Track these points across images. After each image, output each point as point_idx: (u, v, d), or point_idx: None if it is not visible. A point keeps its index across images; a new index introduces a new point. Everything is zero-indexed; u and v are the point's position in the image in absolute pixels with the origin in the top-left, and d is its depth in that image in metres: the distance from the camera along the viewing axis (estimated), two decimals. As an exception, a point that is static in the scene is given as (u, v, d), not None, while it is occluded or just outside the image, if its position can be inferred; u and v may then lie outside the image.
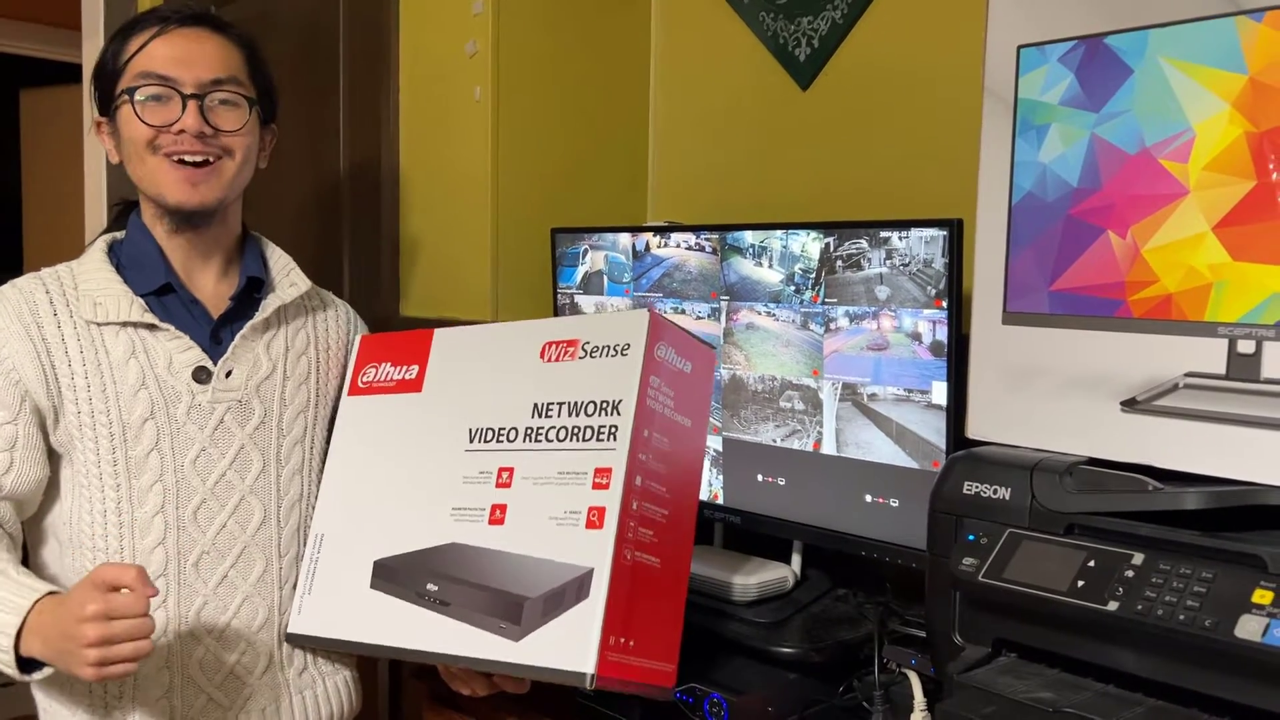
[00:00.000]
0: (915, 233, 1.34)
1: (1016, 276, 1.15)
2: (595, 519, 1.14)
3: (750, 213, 1.85)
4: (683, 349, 1.23)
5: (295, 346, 1.41)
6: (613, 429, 1.17)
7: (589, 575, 1.12)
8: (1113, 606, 0.95)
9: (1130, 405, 1.06)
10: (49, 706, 1.30)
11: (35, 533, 1.34)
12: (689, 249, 1.62)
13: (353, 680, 1.46)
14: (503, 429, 1.27)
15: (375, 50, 2.03)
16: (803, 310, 1.48)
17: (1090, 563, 0.99)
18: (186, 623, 1.29)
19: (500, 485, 1.24)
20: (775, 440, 1.53)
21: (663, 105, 2.06)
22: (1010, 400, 1.16)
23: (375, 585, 1.30)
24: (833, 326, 1.44)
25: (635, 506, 1.15)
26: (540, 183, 1.92)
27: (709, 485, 1.62)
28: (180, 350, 1.31)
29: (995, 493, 1.09)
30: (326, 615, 1.34)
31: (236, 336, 1.34)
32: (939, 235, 1.32)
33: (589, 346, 1.23)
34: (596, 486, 1.15)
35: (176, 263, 1.35)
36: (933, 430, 1.35)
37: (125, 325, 1.29)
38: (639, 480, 1.16)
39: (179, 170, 1.28)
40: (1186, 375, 1.02)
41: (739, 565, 1.55)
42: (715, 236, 1.58)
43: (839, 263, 1.43)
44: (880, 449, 1.40)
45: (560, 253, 1.83)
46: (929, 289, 1.33)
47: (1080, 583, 0.98)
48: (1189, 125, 1.02)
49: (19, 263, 4.59)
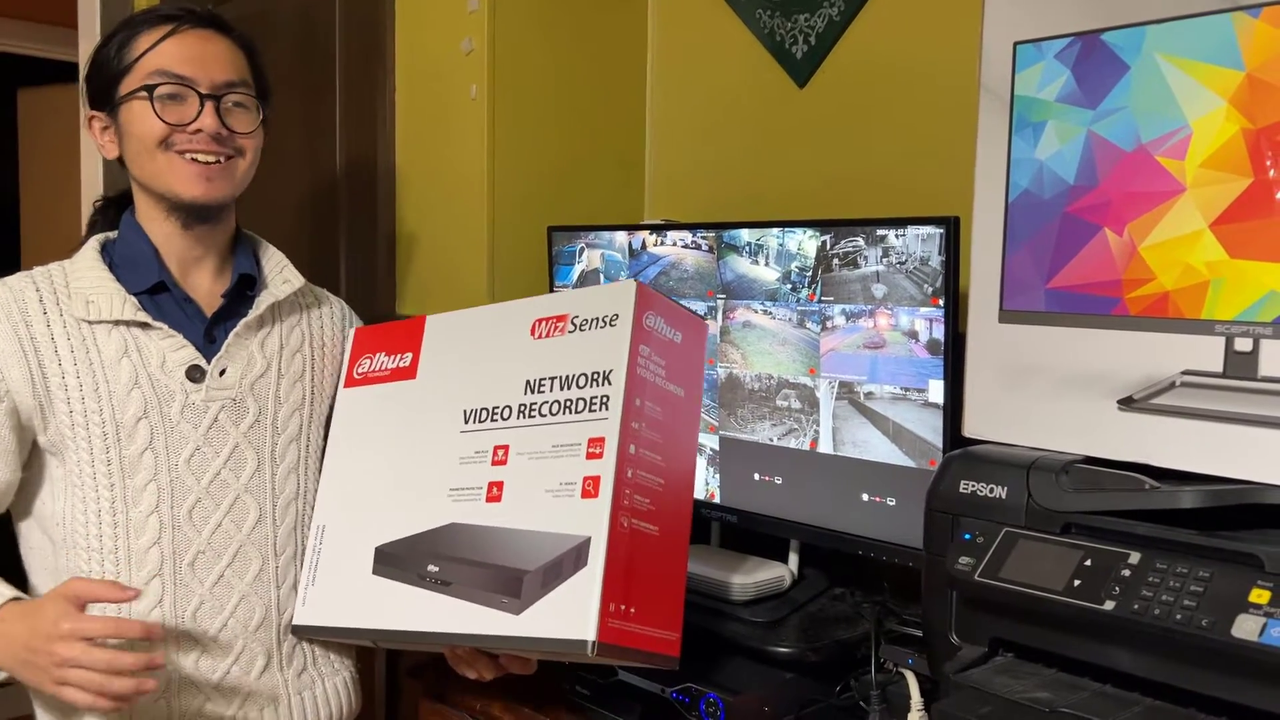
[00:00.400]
0: (912, 230, 1.34)
1: (1013, 274, 1.15)
2: (590, 488, 1.14)
3: (747, 211, 1.85)
4: (672, 319, 1.23)
5: (290, 344, 1.41)
6: (604, 399, 1.16)
7: (586, 544, 1.11)
8: (1109, 606, 0.95)
9: (1127, 404, 1.05)
10: (48, 707, 1.30)
11: (30, 533, 1.33)
12: (685, 247, 1.62)
13: (353, 681, 1.45)
14: (496, 408, 1.27)
15: (371, 48, 2.03)
16: (799, 308, 1.47)
17: (1087, 562, 0.99)
18: (183, 623, 1.29)
19: (496, 463, 1.24)
20: (772, 439, 1.53)
21: (659, 103, 2.05)
22: (1007, 399, 1.15)
23: (377, 571, 1.30)
24: (829, 325, 1.44)
25: (630, 474, 1.14)
26: (536, 181, 1.92)
27: (705, 484, 1.62)
28: (174, 349, 1.31)
29: (992, 491, 1.09)
30: (330, 605, 1.34)
31: (230, 334, 1.34)
32: (935, 233, 1.31)
33: (578, 320, 1.23)
34: (590, 456, 1.15)
35: (173, 262, 1.35)
36: (929, 429, 1.34)
37: (118, 324, 1.29)
38: (633, 448, 1.15)
39: (193, 166, 1.29)
40: (1183, 373, 1.02)
41: (736, 564, 1.55)
42: (712, 235, 1.58)
43: (835, 261, 1.42)
44: (877, 448, 1.40)
45: (556, 251, 1.82)
46: (925, 287, 1.33)
47: (1077, 582, 0.98)
48: (1186, 122, 1.01)
49: (16, 261, 4.57)
